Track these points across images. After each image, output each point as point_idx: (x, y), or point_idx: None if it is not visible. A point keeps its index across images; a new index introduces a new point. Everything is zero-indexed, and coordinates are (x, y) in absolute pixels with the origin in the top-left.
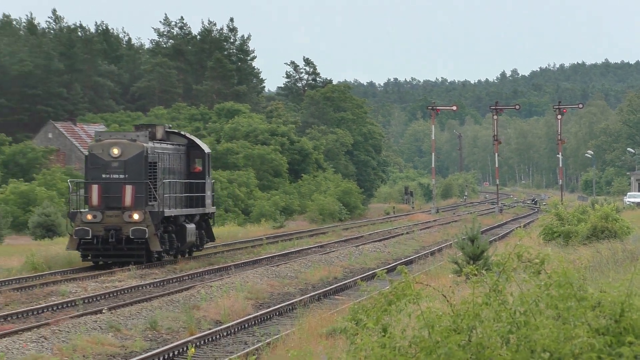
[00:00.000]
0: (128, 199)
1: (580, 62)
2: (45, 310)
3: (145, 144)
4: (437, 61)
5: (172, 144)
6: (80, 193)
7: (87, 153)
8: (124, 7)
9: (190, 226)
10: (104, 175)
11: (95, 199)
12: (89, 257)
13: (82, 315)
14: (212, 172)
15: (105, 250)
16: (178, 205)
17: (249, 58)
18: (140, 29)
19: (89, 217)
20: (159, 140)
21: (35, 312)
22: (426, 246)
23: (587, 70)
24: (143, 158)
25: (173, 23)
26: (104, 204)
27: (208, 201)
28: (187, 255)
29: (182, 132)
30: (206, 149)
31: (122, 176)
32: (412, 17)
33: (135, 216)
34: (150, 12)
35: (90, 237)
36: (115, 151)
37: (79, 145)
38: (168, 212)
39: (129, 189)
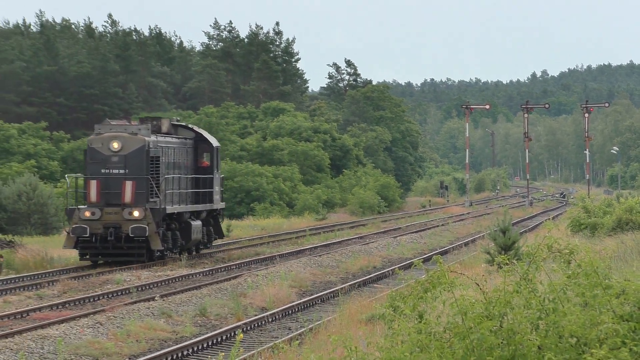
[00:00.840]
0: (128, 195)
1: (606, 64)
2: (100, 298)
3: (147, 138)
4: (471, 62)
5: (178, 138)
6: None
7: (86, 147)
8: (176, 12)
9: (196, 223)
10: (103, 170)
11: (93, 195)
12: (87, 257)
13: (135, 302)
14: (258, 166)
15: (104, 248)
16: (183, 202)
17: (293, 60)
18: (192, 33)
19: (87, 214)
20: (164, 133)
21: (91, 300)
22: (460, 237)
23: (613, 71)
24: (144, 152)
25: (222, 27)
26: (103, 200)
27: (216, 197)
28: (194, 253)
29: (190, 125)
30: (214, 142)
31: (122, 171)
32: (448, 21)
33: (136, 213)
34: (201, 17)
35: (88, 235)
36: (116, 145)
37: None
38: (170, 208)
39: (129, 185)
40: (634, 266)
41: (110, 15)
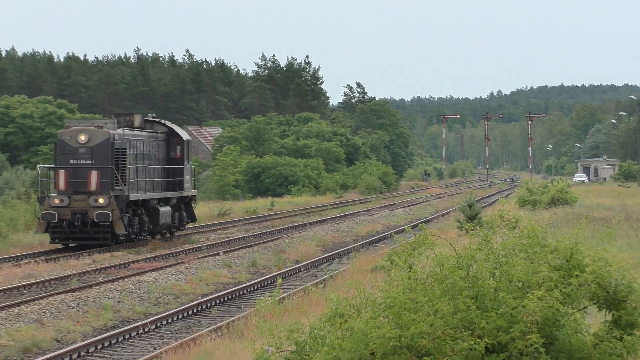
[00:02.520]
0: (93, 184)
1: (543, 85)
2: (180, 253)
3: (112, 131)
4: (447, 84)
5: (149, 132)
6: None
7: (57, 140)
8: (235, 48)
9: (164, 209)
10: (71, 161)
11: (62, 183)
12: (57, 240)
13: (205, 256)
14: (293, 159)
15: (72, 233)
16: (150, 190)
17: (318, 82)
18: (245, 63)
19: (56, 201)
20: (135, 128)
21: (174, 255)
22: (439, 210)
23: (549, 90)
24: (109, 144)
25: (267, 59)
26: (72, 188)
27: (187, 185)
28: (167, 236)
29: (163, 121)
30: (185, 136)
31: (88, 162)
32: (431, 54)
33: (101, 200)
34: (252, 51)
35: (57, 221)
36: (83, 138)
37: (203, 142)
38: (135, 196)
39: (94, 174)
40: (563, 231)
41: (187, 50)
